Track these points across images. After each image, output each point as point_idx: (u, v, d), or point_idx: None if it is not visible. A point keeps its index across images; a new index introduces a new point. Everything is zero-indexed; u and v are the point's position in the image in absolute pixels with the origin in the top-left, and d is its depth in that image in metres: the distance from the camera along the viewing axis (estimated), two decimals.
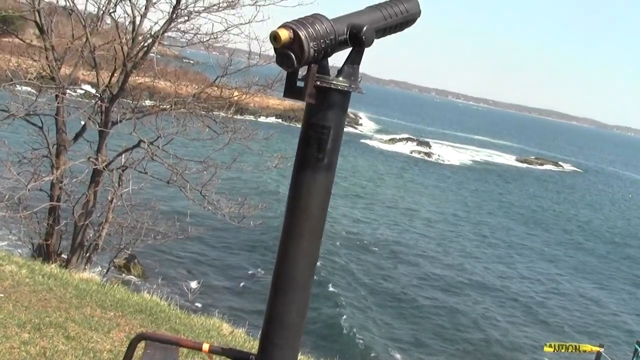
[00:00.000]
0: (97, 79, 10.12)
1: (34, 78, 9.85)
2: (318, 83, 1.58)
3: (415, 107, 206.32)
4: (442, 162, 60.45)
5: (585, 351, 10.58)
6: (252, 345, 6.12)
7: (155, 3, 10.04)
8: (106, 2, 9.91)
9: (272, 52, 1.59)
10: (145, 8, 9.98)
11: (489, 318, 19.34)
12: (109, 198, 10.24)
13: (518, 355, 17.10)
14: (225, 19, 9.77)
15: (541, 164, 74.34)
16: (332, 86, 1.59)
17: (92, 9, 10.18)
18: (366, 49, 1.64)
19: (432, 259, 24.60)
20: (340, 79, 1.60)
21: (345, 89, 1.60)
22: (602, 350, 10.40)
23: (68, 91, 10.42)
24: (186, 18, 9.86)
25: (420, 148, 64.52)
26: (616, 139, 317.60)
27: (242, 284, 18.19)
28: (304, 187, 1.66)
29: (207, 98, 10.56)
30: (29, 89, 10.62)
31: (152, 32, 10.04)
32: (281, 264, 1.71)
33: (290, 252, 1.69)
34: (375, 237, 26.02)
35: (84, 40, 9.90)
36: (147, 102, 11.92)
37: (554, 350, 10.89)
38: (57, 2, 10.66)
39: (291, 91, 1.61)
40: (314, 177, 1.64)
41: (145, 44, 10.10)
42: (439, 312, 19.02)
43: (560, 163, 78.78)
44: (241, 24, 9.63)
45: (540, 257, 29.07)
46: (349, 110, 1.71)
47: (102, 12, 10.03)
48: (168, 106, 10.09)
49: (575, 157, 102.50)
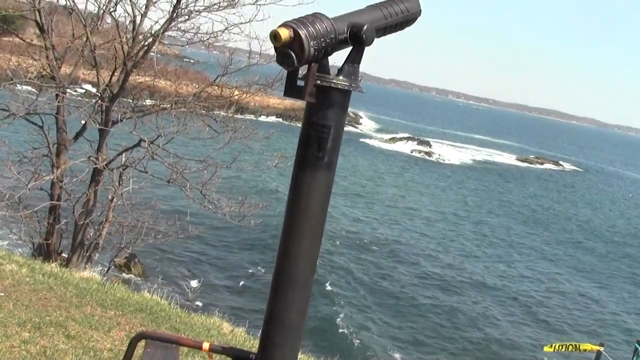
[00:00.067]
0: (98, 78, 10.13)
1: (35, 77, 9.86)
2: (318, 82, 1.57)
3: (415, 107, 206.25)
4: (442, 161, 60.41)
5: (585, 350, 10.57)
6: (252, 344, 6.12)
7: (155, 2, 10.05)
8: (106, 1, 9.92)
9: (272, 51, 1.59)
10: (146, 7, 9.99)
11: (488, 317, 19.35)
12: (110, 197, 10.25)
13: (518, 354, 17.10)
14: (226, 18, 9.80)
15: (541, 163, 74.27)
16: (333, 85, 1.58)
17: (92, 8, 10.20)
18: (366, 48, 1.63)
19: (432, 258, 24.60)
20: (341, 78, 1.60)
21: (346, 88, 1.60)
22: (602, 349, 10.39)
23: (68, 90, 10.42)
24: (186, 17, 9.87)
25: (420, 147, 64.46)
26: (616, 139, 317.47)
27: (242, 283, 18.19)
28: (304, 186, 1.66)
29: (207, 97, 10.57)
30: (29, 88, 10.63)
31: (153, 31, 10.05)
32: (281, 263, 1.71)
33: (290, 251, 1.69)
34: (375, 236, 26.02)
35: (85, 39, 9.91)
36: (148, 102, 11.92)
37: (553, 350, 10.89)
38: (58, 1, 10.68)
39: (291, 90, 1.61)
40: (314, 176, 1.64)
41: (146, 43, 10.11)
42: (439, 311, 19.02)
43: (561, 162, 78.73)
44: (241, 23, 9.65)
45: (541, 256, 29.06)
46: (349, 109, 1.71)
47: (102, 11, 10.03)
48: (168, 105, 10.09)
49: (576, 156, 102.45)
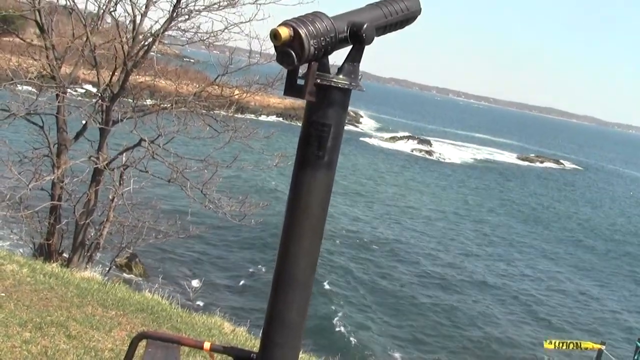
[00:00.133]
0: (98, 78, 10.13)
1: (35, 77, 9.86)
2: (318, 81, 1.57)
3: (416, 105, 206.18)
4: (443, 160, 60.39)
5: (586, 349, 10.56)
6: (253, 344, 6.12)
7: (155, 2, 10.06)
8: (106, 1, 9.92)
9: (272, 51, 1.58)
10: (146, 7, 9.99)
11: (489, 315, 19.35)
12: (110, 197, 10.25)
13: (519, 352, 17.10)
14: (226, 18, 9.80)
15: (542, 162, 74.26)
16: (333, 84, 1.58)
17: (92, 8, 10.19)
18: (367, 47, 1.63)
19: (432, 257, 24.60)
20: (341, 76, 1.59)
21: (346, 86, 1.60)
22: (603, 347, 10.38)
23: (69, 90, 10.42)
24: (186, 17, 9.87)
25: (421, 146, 64.44)
26: (617, 137, 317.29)
27: (243, 283, 18.20)
28: (304, 185, 1.65)
29: (207, 97, 10.57)
30: (29, 88, 10.63)
31: (153, 31, 10.05)
32: (282, 262, 1.71)
33: (291, 250, 1.69)
34: (375, 236, 26.01)
35: (85, 39, 9.91)
36: (148, 101, 11.92)
37: (554, 347, 10.86)
38: (58, 1, 10.68)
39: (291, 89, 1.61)
40: (314, 175, 1.64)
41: (146, 43, 10.11)
42: (439, 310, 19.02)
43: (561, 161, 78.71)
44: (241, 22, 9.65)
45: (541, 254, 29.06)
46: (350, 108, 1.71)
47: (102, 11, 10.03)
48: (169, 105, 10.08)
49: (576, 154, 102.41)
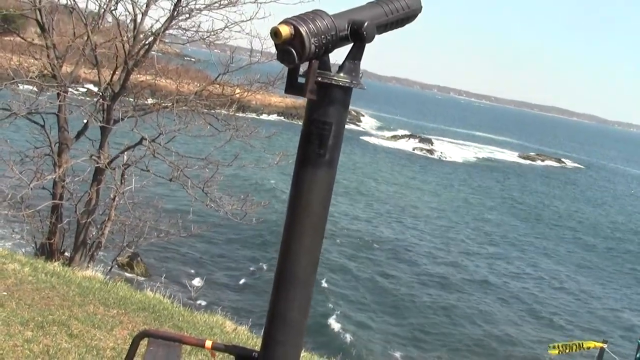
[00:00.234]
0: (99, 77, 10.14)
1: (36, 76, 9.85)
2: (319, 79, 1.57)
3: (417, 104, 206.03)
4: (444, 159, 60.35)
5: (589, 348, 10.54)
6: (255, 343, 6.13)
7: (156, 1, 10.05)
8: (107, 0, 9.92)
9: (273, 50, 1.58)
10: (147, 6, 9.99)
11: (490, 314, 19.34)
12: (112, 196, 10.25)
13: (520, 351, 17.09)
14: (227, 17, 9.77)
15: (543, 160, 74.21)
16: (333, 82, 1.58)
17: (93, 7, 10.21)
18: (367, 45, 1.63)
19: (433, 256, 24.60)
20: (342, 74, 1.59)
21: (347, 84, 1.60)
22: (605, 346, 10.37)
23: (70, 89, 10.42)
24: (187, 15, 9.86)
25: (422, 145, 64.39)
26: (617, 135, 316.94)
27: (244, 281, 18.20)
28: (305, 184, 1.65)
29: (208, 96, 10.56)
30: (30, 87, 10.63)
31: (154, 30, 10.05)
32: (283, 261, 1.71)
33: (292, 249, 1.69)
34: (376, 235, 26.01)
35: (85, 38, 9.90)
36: (149, 100, 11.92)
37: (558, 352, 10.84)
38: (58, 0, 10.67)
39: (292, 87, 1.61)
40: (315, 174, 1.64)
41: (147, 42, 10.11)
42: (440, 309, 19.01)
43: (562, 159, 78.64)
44: (242, 21, 9.64)
45: (542, 253, 29.04)
46: (350, 107, 1.71)
47: (103, 10, 10.04)
48: (170, 104, 10.08)
49: (577, 153, 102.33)
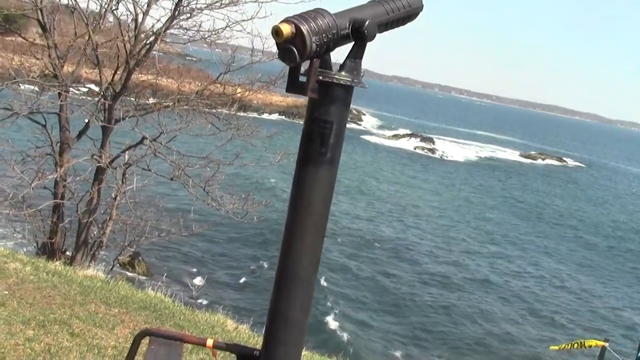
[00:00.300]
0: (100, 77, 10.14)
1: (37, 76, 9.86)
2: (320, 78, 1.57)
3: (418, 103, 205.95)
4: (446, 158, 60.32)
5: (590, 346, 10.55)
6: (256, 341, 6.13)
7: (157, 0, 10.05)
8: (108, 0, 9.92)
9: (274, 49, 1.58)
10: (148, 5, 9.99)
11: (491, 313, 19.34)
12: (113, 195, 10.26)
13: (522, 350, 17.09)
14: (228, 16, 9.77)
15: (544, 159, 74.16)
16: (335, 81, 1.58)
17: (94, 6, 10.22)
18: (368, 44, 1.63)
19: (434, 255, 24.59)
20: (343, 73, 1.59)
21: (348, 83, 1.59)
22: (607, 344, 10.37)
23: (71, 89, 10.43)
24: (188, 15, 9.86)
25: (423, 144, 64.36)
26: (619, 134, 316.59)
27: (246, 280, 18.21)
28: (306, 183, 1.65)
29: (210, 95, 10.56)
30: (32, 87, 10.64)
31: (155, 30, 10.05)
32: (284, 260, 1.70)
33: (293, 248, 1.68)
34: (377, 234, 26.01)
35: (87, 38, 9.91)
36: (150, 100, 11.92)
37: (559, 348, 10.90)
38: (60, 0, 10.68)
39: (293, 86, 1.60)
40: (316, 172, 1.63)
41: (148, 42, 10.11)
42: (441, 308, 19.01)
43: (564, 158, 78.59)
44: (243, 20, 9.63)
45: (544, 252, 29.03)
46: (352, 106, 1.71)
47: (104, 9, 10.04)
48: (171, 103, 10.09)
49: (579, 152, 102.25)
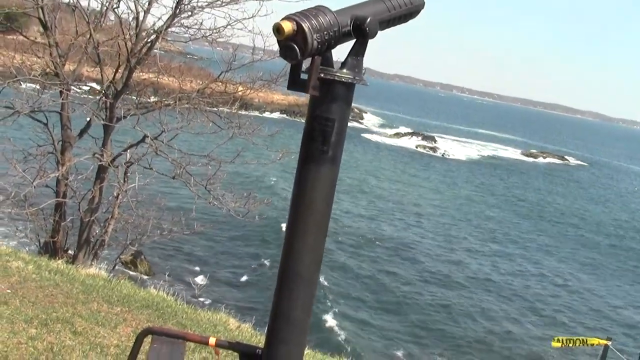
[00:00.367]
0: (102, 75, 10.14)
1: (39, 75, 9.86)
2: (322, 75, 1.56)
3: (419, 102, 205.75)
4: (447, 156, 60.26)
5: (593, 345, 10.56)
6: (259, 340, 6.12)
7: None
8: None
9: (275, 47, 1.57)
10: (149, 4, 9.98)
11: (493, 312, 19.32)
12: (115, 194, 10.25)
13: (524, 349, 17.08)
14: (229, 14, 9.76)
15: (545, 158, 74.08)
16: (336, 78, 1.57)
17: (95, 5, 10.21)
18: (370, 41, 1.62)
19: (436, 254, 24.58)
20: (344, 70, 1.59)
21: (349, 80, 1.59)
22: (609, 343, 10.38)
23: (72, 87, 10.43)
24: (189, 13, 9.85)
25: (425, 143, 64.31)
26: (621, 132, 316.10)
27: (248, 279, 18.22)
28: (308, 181, 1.65)
29: (211, 93, 10.56)
30: (33, 85, 10.64)
31: (156, 28, 10.04)
32: (286, 259, 1.70)
33: (295, 247, 1.68)
34: (378, 233, 25.99)
35: (88, 36, 9.90)
36: (152, 98, 11.91)
37: (562, 345, 10.88)
38: None
39: (295, 84, 1.60)
40: (318, 170, 1.63)
41: (149, 40, 10.10)
42: (443, 307, 19.00)
43: (565, 157, 78.50)
44: (245, 18, 9.63)
45: (545, 251, 29.01)
46: (353, 104, 1.70)
47: (105, 8, 10.04)
48: (172, 102, 10.08)
49: (580, 150, 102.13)
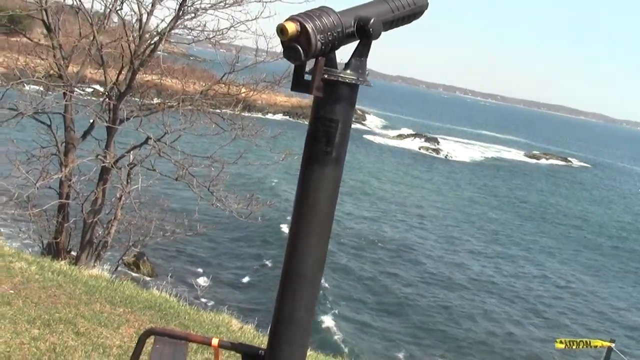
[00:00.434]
0: (105, 77, 10.16)
1: (42, 77, 9.88)
2: (325, 76, 1.56)
3: (422, 103, 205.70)
4: (450, 158, 60.23)
5: (596, 346, 10.53)
6: (261, 341, 6.12)
7: (161, 0, 10.06)
8: (113, 0, 9.94)
9: (279, 49, 1.57)
10: (152, 5, 10.00)
11: (496, 314, 19.29)
12: (118, 195, 10.27)
13: (527, 351, 17.05)
14: (232, 16, 9.77)
15: (549, 159, 73.96)
16: (340, 79, 1.57)
17: (98, 7, 10.23)
18: (373, 42, 1.62)
19: (438, 256, 24.56)
20: (348, 71, 1.58)
21: (353, 81, 1.59)
22: (612, 345, 10.34)
23: (76, 89, 10.45)
24: (193, 15, 9.87)
25: (428, 144, 64.27)
26: (625, 134, 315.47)
27: (251, 280, 18.22)
28: (312, 182, 1.64)
29: (214, 95, 10.57)
30: (37, 87, 10.66)
31: (159, 30, 10.07)
32: (290, 260, 1.69)
33: (298, 248, 1.68)
34: (380, 234, 25.98)
35: (91, 38, 9.93)
36: (155, 100, 11.93)
37: (565, 347, 10.85)
38: (64, 0, 10.70)
39: (299, 85, 1.60)
40: (322, 171, 1.63)
41: (152, 42, 10.12)
42: (445, 309, 18.98)
43: (569, 158, 78.39)
44: (248, 20, 9.64)
45: (548, 252, 28.96)
46: (356, 106, 1.70)
47: (108, 10, 10.06)
48: (175, 103, 10.10)
49: (584, 152, 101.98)
